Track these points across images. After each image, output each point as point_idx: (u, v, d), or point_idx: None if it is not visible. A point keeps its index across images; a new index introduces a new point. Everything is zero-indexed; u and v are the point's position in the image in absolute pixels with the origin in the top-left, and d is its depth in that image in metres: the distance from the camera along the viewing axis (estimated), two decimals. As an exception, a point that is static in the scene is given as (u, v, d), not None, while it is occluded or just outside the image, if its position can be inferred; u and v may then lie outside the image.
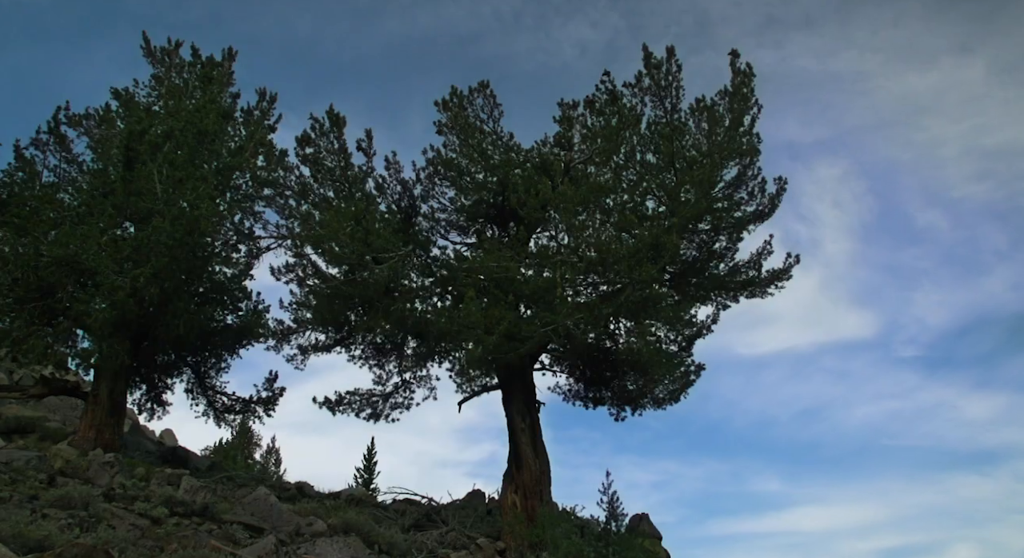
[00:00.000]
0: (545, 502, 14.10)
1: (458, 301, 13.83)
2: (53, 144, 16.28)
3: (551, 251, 14.24)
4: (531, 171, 14.63)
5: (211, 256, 15.53)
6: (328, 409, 15.90)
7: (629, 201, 13.98)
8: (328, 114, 14.23)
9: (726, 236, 14.93)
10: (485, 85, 14.83)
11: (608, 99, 14.22)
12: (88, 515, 9.56)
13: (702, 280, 14.95)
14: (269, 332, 15.99)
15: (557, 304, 13.11)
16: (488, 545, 13.37)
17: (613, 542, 11.90)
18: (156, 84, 17.36)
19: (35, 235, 13.53)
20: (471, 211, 15.86)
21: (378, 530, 12.22)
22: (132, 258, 13.32)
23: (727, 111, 13.88)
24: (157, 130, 14.76)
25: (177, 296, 13.60)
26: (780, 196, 15.13)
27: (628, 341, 13.51)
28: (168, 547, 9.03)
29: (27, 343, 13.41)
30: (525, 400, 15.16)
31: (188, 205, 14.13)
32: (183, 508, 11.15)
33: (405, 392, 16.54)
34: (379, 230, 13.64)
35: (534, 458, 14.47)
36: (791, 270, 15.31)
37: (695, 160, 13.70)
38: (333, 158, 14.30)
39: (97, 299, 13.13)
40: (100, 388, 14.45)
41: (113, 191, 14.41)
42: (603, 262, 12.91)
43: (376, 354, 16.33)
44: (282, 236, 14.71)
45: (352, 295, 14.06)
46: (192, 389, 17.83)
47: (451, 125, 14.79)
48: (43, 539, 7.81)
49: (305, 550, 10.39)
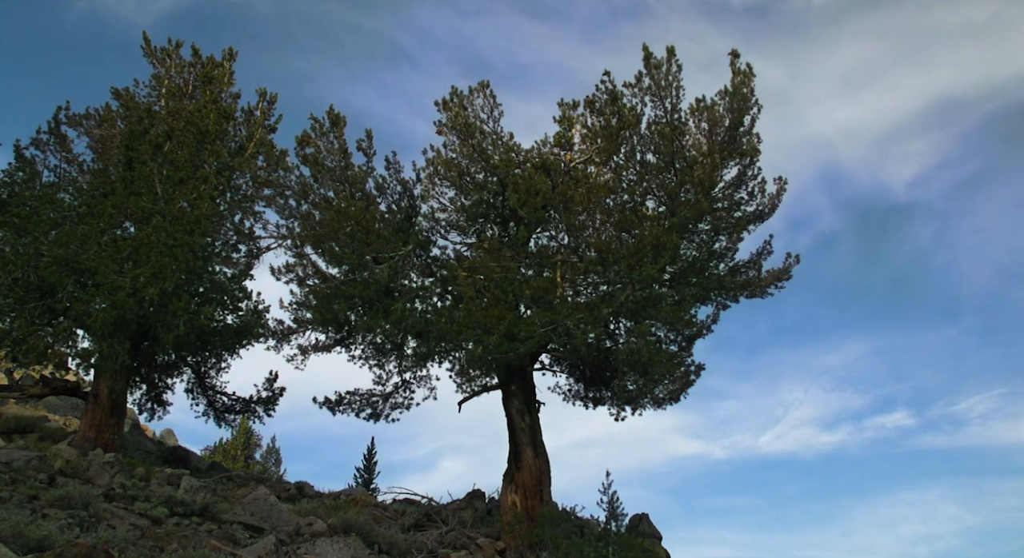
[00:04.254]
0: (545, 502, 14.11)
1: (458, 301, 13.83)
2: (53, 144, 16.30)
3: (551, 251, 14.24)
4: (531, 171, 14.63)
5: (211, 256, 15.54)
6: (328, 409, 15.92)
7: (629, 201, 13.98)
8: (328, 114, 14.23)
9: (726, 236, 14.93)
10: (485, 85, 14.83)
11: (608, 99, 14.22)
12: (88, 515, 9.56)
13: (702, 280, 14.95)
14: (269, 332, 15.99)
15: (557, 304, 13.12)
16: (488, 545, 13.37)
17: (613, 542, 11.91)
18: (156, 84, 17.38)
19: (35, 235, 13.53)
20: (471, 211, 15.85)
21: (378, 530, 12.22)
22: (132, 258, 13.33)
23: (727, 111, 13.88)
24: (157, 130, 14.78)
25: (177, 296, 13.60)
26: (780, 196, 15.14)
27: (628, 341, 13.50)
28: (168, 547, 9.03)
29: (27, 343, 13.41)
30: (525, 400, 15.16)
31: (188, 205, 14.15)
32: (183, 508, 11.15)
33: (405, 392, 16.55)
34: (379, 230, 13.64)
35: (534, 458, 14.47)
36: (791, 270, 15.33)
37: (695, 160, 13.70)
38: (333, 158, 14.29)
39: (97, 299, 13.13)
40: (100, 388, 14.46)
41: (113, 191, 14.41)
42: (603, 262, 12.91)
43: (376, 354, 16.33)
44: (282, 236, 14.72)
45: (352, 295, 14.06)
46: (192, 389, 17.86)
47: (451, 125, 14.78)
48: (43, 539, 7.80)
49: (305, 550, 10.38)
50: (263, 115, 17.27)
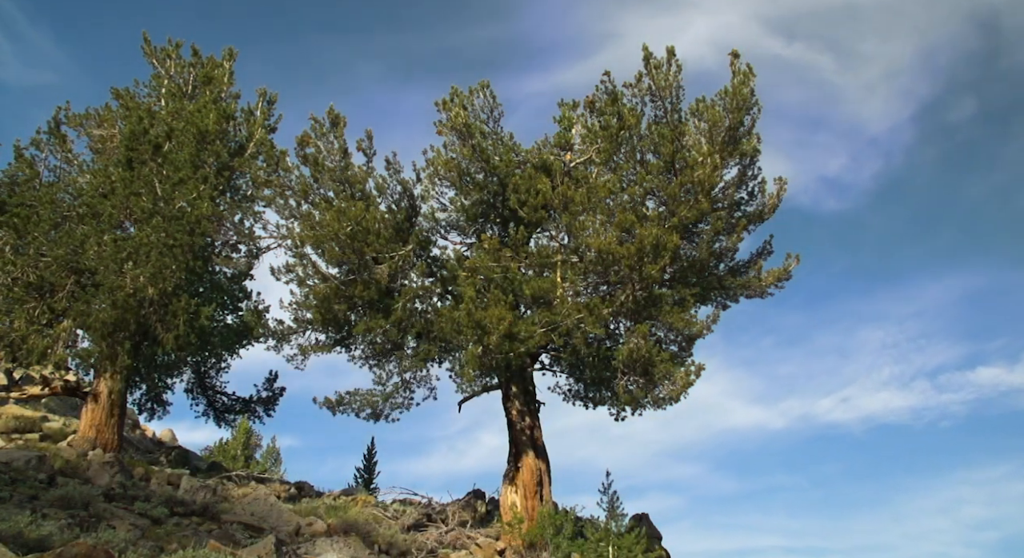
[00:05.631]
0: (545, 502, 14.11)
1: (458, 301, 13.83)
2: (53, 144, 16.29)
3: (551, 251, 14.24)
4: (531, 171, 14.63)
5: (211, 256, 15.54)
6: (328, 409, 15.90)
7: (629, 201, 13.97)
8: (328, 114, 14.22)
9: (726, 236, 14.92)
10: (485, 85, 14.83)
11: (608, 99, 14.21)
12: (88, 515, 9.56)
13: (702, 280, 14.95)
14: (269, 332, 15.98)
15: (557, 304, 13.11)
16: (488, 545, 13.38)
17: (613, 542, 11.91)
18: (156, 84, 17.37)
19: (35, 235, 13.53)
20: (471, 211, 15.85)
21: (378, 530, 12.22)
22: (132, 258, 13.32)
23: (727, 111, 13.87)
24: (157, 130, 14.78)
25: (177, 296, 13.60)
26: (780, 196, 15.14)
27: (628, 341, 13.49)
28: (168, 547, 9.02)
29: (27, 343, 13.41)
30: (525, 400, 15.16)
31: (188, 205, 14.15)
32: (183, 508, 11.16)
33: (405, 392, 16.53)
34: (379, 230, 13.63)
35: (534, 458, 14.48)
36: (791, 270, 15.32)
37: (695, 160, 13.69)
38: (333, 158, 14.28)
39: (97, 299, 13.13)
40: (100, 388, 14.46)
41: (113, 191, 14.41)
42: (603, 262, 12.91)
43: (376, 354, 16.32)
44: (282, 236, 14.69)
45: (352, 295, 14.06)
46: (192, 389, 17.86)
47: (451, 125, 14.77)
48: (43, 539, 7.80)
49: (305, 550, 10.39)
50: (263, 115, 17.25)
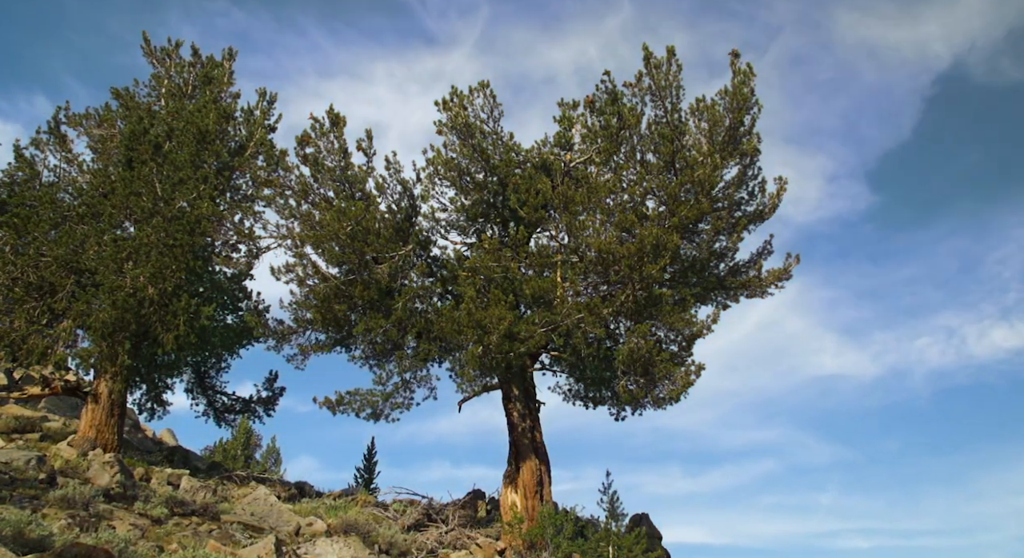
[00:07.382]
0: (545, 502, 14.10)
1: (458, 301, 13.83)
2: (53, 144, 16.29)
3: (551, 251, 14.23)
4: (531, 171, 14.62)
5: (211, 256, 15.55)
6: (328, 409, 15.89)
7: (629, 201, 13.97)
8: (328, 114, 14.21)
9: (726, 236, 14.92)
10: (485, 85, 14.83)
11: (608, 99, 14.20)
12: (88, 515, 9.56)
13: (702, 280, 14.94)
14: (269, 332, 15.98)
15: (557, 304, 13.11)
16: (488, 545, 13.38)
17: (613, 542, 11.91)
18: (156, 84, 17.37)
19: (35, 235, 13.53)
20: (471, 211, 15.85)
21: (378, 530, 12.23)
22: (132, 258, 13.33)
23: (727, 111, 13.86)
24: (157, 130, 14.78)
25: (177, 296, 13.61)
26: (780, 196, 15.12)
27: (628, 341, 13.49)
28: (168, 547, 9.03)
29: (27, 343, 13.42)
30: (525, 400, 15.16)
31: (188, 205, 14.16)
32: (183, 508, 11.16)
33: (405, 392, 16.51)
34: (379, 230, 13.63)
35: (534, 458, 14.47)
36: (791, 270, 15.31)
37: (695, 160, 13.69)
38: (333, 158, 14.28)
39: (97, 299, 13.14)
40: (100, 388, 14.46)
41: (113, 191, 14.42)
42: (603, 262, 12.91)
43: (376, 354, 16.31)
44: (282, 236, 14.67)
45: (352, 295, 14.05)
46: (192, 389, 17.87)
47: (451, 125, 14.77)
48: (43, 539, 7.81)
49: (305, 550, 10.39)
50: (263, 115, 17.26)
